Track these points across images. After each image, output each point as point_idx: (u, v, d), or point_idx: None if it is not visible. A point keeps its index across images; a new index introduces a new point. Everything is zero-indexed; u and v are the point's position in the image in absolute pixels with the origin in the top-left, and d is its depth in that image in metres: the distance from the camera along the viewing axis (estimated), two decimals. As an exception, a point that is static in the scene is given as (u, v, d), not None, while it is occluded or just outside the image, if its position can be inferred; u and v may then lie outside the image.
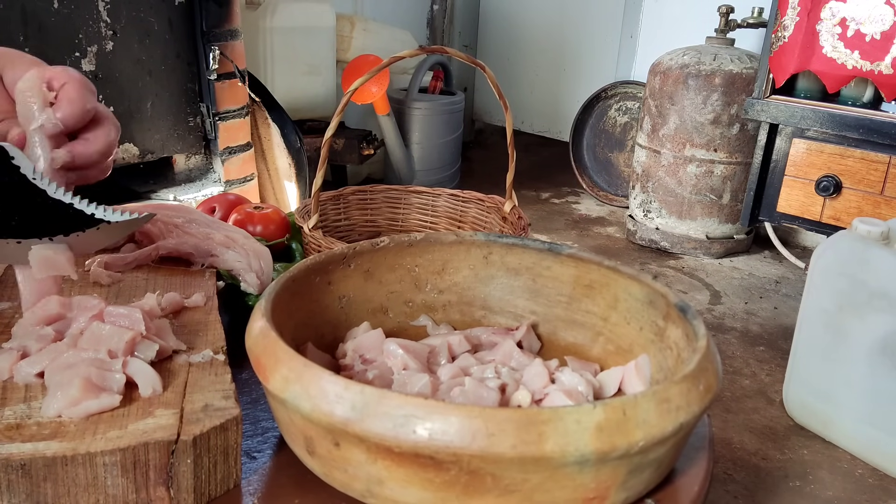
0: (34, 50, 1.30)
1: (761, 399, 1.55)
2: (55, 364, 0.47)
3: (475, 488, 0.41)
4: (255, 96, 1.77)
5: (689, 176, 2.28)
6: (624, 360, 0.59)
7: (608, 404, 0.40)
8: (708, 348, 0.48)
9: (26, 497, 0.41)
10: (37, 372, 0.47)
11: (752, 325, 1.89)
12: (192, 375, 0.50)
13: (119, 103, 1.46)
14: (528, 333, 0.63)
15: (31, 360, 0.48)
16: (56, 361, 0.47)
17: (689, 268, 2.27)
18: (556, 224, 2.62)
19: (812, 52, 1.75)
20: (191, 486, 0.44)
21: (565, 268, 0.63)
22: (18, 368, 0.48)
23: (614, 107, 2.87)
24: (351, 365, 0.56)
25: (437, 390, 0.51)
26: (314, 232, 0.80)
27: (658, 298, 0.57)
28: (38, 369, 0.47)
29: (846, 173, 1.79)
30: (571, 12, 3.13)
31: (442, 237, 0.65)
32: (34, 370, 0.47)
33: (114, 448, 0.41)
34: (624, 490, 0.44)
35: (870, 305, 1.25)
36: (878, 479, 1.30)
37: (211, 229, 0.71)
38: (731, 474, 1.31)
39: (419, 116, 2.63)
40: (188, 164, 1.67)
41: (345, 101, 0.78)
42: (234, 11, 1.64)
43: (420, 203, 0.99)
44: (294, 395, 0.43)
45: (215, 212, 0.91)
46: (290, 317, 0.55)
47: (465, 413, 0.39)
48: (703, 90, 2.19)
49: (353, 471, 0.43)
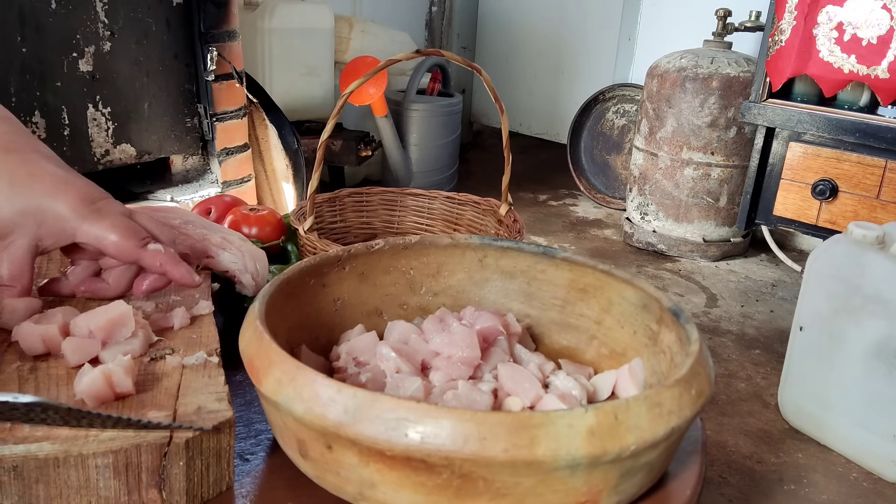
0: (32, 50, 1.30)
1: (756, 402, 1.55)
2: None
3: (467, 492, 0.41)
4: (253, 97, 1.77)
5: (686, 179, 2.28)
6: (618, 364, 0.59)
7: (600, 408, 0.41)
8: (700, 353, 0.48)
9: (18, 499, 0.41)
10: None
11: (748, 329, 1.90)
12: (186, 377, 0.50)
13: (116, 104, 1.46)
14: (524, 336, 0.63)
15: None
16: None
17: (686, 270, 2.27)
18: (554, 226, 2.62)
19: (809, 56, 1.76)
20: (183, 489, 0.44)
21: (560, 271, 0.63)
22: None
23: (612, 109, 2.87)
24: (344, 367, 0.56)
25: (429, 394, 0.51)
26: (310, 234, 0.80)
27: (652, 302, 0.57)
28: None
29: (842, 177, 1.79)
30: (569, 15, 3.14)
31: (437, 240, 0.65)
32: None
33: (106, 450, 0.41)
34: (616, 494, 0.44)
35: (865, 310, 1.26)
36: (872, 483, 1.30)
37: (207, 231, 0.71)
38: (725, 477, 1.31)
39: (417, 118, 2.63)
40: (185, 164, 1.67)
41: (341, 103, 0.78)
42: (232, 12, 1.64)
43: (416, 205, 0.99)
44: (287, 398, 0.43)
45: (211, 213, 0.91)
46: (285, 319, 0.55)
47: (458, 417, 0.39)
48: (701, 93, 2.19)
49: (345, 474, 0.43)
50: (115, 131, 1.47)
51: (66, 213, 0.53)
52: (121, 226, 0.54)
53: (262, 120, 1.82)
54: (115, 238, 0.53)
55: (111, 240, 0.53)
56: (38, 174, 0.53)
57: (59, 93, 1.36)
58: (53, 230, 0.53)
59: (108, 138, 1.46)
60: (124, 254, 0.54)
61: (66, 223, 0.53)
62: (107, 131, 1.46)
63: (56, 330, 0.51)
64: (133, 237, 0.54)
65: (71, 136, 1.39)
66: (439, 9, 3.35)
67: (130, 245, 0.54)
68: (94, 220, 0.53)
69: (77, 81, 1.39)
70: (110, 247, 0.54)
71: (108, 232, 0.53)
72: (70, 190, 0.54)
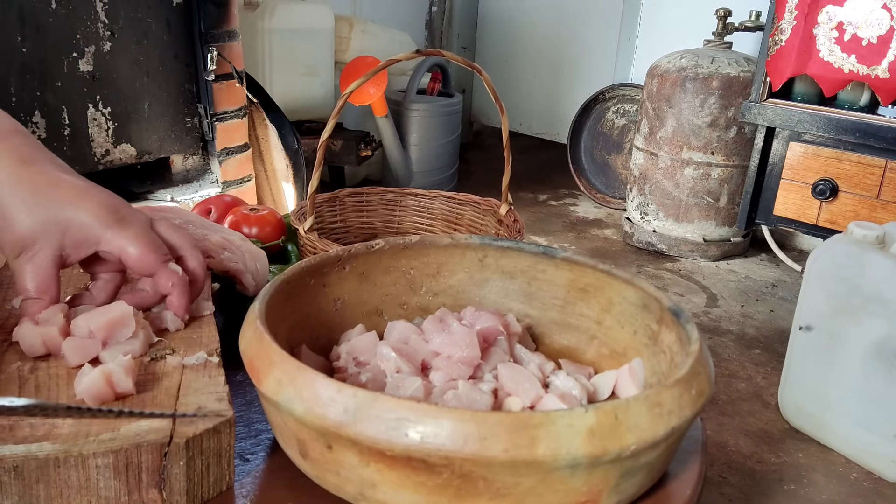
0: (32, 50, 1.30)
1: (757, 402, 1.55)
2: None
3: (467, 492, 0.41)
4: (253, 97, 1.77)
5: (687, 179, 2.28)
6: (618, 364, 0.59)
7: (600, 408, 0.41)
8: (701, 353, 0.48)
9: (19, 499, 0.41)
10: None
11: (749, 328, 1.90)
12: (186, 377, 0.50)
13: (116, 104, 1.46)
14: (524, 336, 0.63)
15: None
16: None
17: (686, 270, 2.27)
18: (554, 226, 2.62)
19: (809, 55, 1.76)
20: (183, 489, 0.44)
21: (560, 271, 0.63)
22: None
23: (612, 109, 2.87)
24: (345, 367, 0.56)
25: (429, 394, 0.51)
26: (310, 234, 0.80)
27: (652, 302, 0.57)
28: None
29: (842, 177, 1.79)
30: (570, 14, 3.14)
31: (437, 240, 0.65)
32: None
33: (106, 450, 0.41)
34: (616, 494, 0.44)
35: (865, 309, 1.26)
36: (872, 483, 1.30)
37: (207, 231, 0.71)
38: (726, 477, 1.31)
39: (417, 118, 2.63)
40: (185, 164, 1.67)
41: (341, 103, 0.78)
42: (233, 12, 1.64)
43: (416, 205, 0.99)
44: (287, 398, 0.43)
45: (211, 213, 0.91)
46: (285, 319, 0.55)
47: (458, 417, 0.39)
48: (701, 93, 2.19)
49: (345, 474, 0.43)
50: (115, 131, 1.47)
51: (89, 221, 0.52)
52: (144, 238, 0.54)
53: (263, 120, 1.82)
54: (137, 250, 0.53)
55: (133, 251, 0.53)
56: (59, 184, 0.53)
57: (59, 93, 1.36)
58: (77, 239, 0.52)
59: (109, 138, 1.47)
60: (144, 266, 0.54)
61: (90, 231, 0.52)
62: (107, 131, 1.46)
63: (56, 331, 0.51)
64: (155, 251, 0.54)
65: (71, 136, 1.39)
66: (439, 9, 3.35)
67: (151, 259, 0.54)
68: (119, 230, 0.53)
69: (77, 81, 1.39)
70: (132, 257, 0.53)
71: (131, 242, 0.53)
72: (92, 199, 0.53)
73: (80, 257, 0.54)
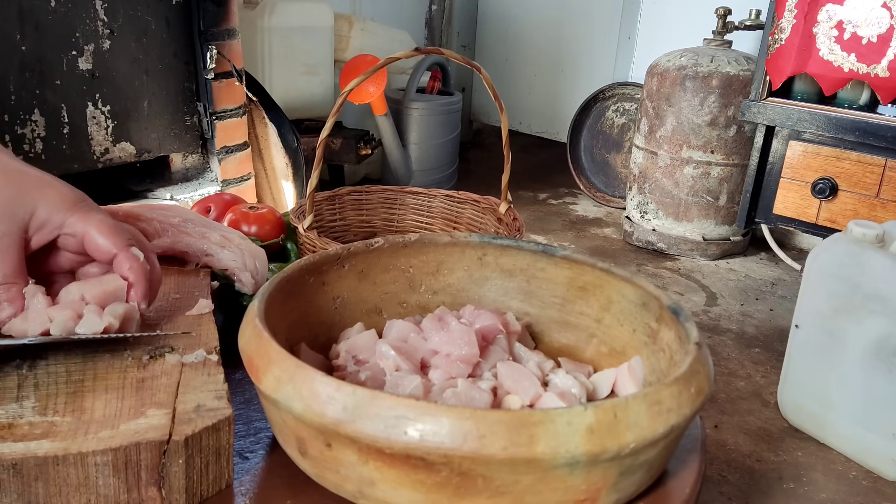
0: (31, 49, 1.29)
1: (756, 401, 1.55)
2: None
3: (466, 490, 0.41)
4: (253, 96, 1.77)
5: (686, 177, 2.28)
6: (617, 362, 0.59)
7: (599, 406, 0.41)
8: (700, 351, 0.48)
9: (18, 497, 0.41)
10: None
11: (748, 327, 1.90)
12: (185, 375, 0.50)
13: (116, 102, 1.46)
14: (523, 335, 0.63)
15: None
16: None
17: (686, 269, 2.27)
18: (554, 225, 2.62)
19: (809, 54, 1.76)
20: (182, 487, 0.44)
21: (559, 269, 0.63)
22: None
23: (612, 108, 2.87)
24: (344, 366, 0.56)
25: (428, 392, 0.51)
26: (309, 232, 0.80)
27: (651, 301, 0.57)
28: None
29: (842, 176, 1.79)
30: (570, 13, 3.14)
31: (437, 238, 0.65)
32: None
33: (105, 448, 0.41)
34: (615, 492, 0.44)
35: (864, 308, 1.26)
36: (871, 482, 1.30)
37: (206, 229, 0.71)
38: (725, 476, 1.31)
39: (417, 116, 2.63)
40: (185, 163, 1.67)
41: (340, 101, 0.78)
42: (232, 11, 1.64)
43: (415, 204, 0.99)
44: (286, 396, 0.43)
45: (210, 212, 0.91)
46: (284, 317, 0.55)
47: (457, 415, 0.39)
48: (701, 92, 2.19)
49: (344, 472, 0.43)
50: (114, 129, 1.47)
51: (55, 204, 0.53)
52: (108, 221, 0.55)
53: (262, 118, 1.81)
54: (101, 231, 0.54)
55: (97, 232, 0.54)
56: (26, 172, 0.54)
57: (59, 91, 1.36)
58: (42, 220, 0.53)
59: (108, 136, 1.46)
60: (107, 248, 0.54)
61: (55, 214, 0.53)
62: (106, 129, 1.46)
63: (43, 305, 0.52)
64: (119, 234, 0.55)
65: (70, 135, 1.39)
66: (439, 7, 3.34)
67: (115, 240, 0.54)
68: (83, 214, 0.54)
69: (76, 80, 1.38)
70: (96, 238, 0.54)
71: (95, 225, 0.54)
72: (56, 185, 0.55)
73: (44, 241, 0.54)
